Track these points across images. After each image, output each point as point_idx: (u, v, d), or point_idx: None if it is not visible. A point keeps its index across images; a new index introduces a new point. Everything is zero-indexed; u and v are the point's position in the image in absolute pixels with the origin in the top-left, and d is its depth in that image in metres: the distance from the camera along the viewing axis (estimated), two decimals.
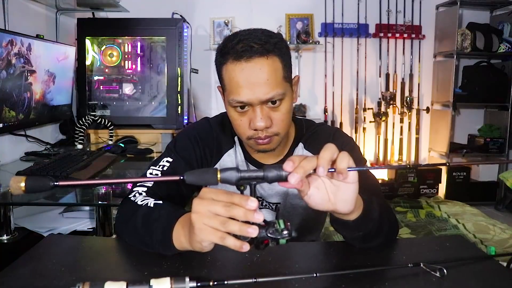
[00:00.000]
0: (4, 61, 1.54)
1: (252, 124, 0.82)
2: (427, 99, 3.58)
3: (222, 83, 0.87)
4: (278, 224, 0.57)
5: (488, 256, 0.71)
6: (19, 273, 0.66)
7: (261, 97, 0.79)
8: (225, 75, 0.84)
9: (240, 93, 0.80)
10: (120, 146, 1.98)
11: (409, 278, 0.65)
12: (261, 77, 0.79)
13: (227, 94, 0.84)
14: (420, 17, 3.40)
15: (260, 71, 0.79)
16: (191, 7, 3.15)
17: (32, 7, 2.05)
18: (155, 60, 2.38)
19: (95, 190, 1.23)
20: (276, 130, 0.84)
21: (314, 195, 0.62)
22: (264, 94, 0.79)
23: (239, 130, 0.87)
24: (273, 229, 0.56)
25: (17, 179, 0.51)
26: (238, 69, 0.80)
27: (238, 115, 0.84)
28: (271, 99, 0.80)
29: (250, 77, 0.79)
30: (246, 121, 0.84)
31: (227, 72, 0.82)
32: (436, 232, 2.59)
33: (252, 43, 0.79)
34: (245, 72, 0.79)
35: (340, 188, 0.62)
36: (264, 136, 0.83)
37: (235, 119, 0.85)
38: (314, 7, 3.31)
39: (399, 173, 3.38)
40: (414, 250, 0.79)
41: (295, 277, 0.63)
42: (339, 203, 0.63)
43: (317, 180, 0.62)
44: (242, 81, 0.80)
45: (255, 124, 0.81)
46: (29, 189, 0.52)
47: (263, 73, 0.79)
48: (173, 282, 0.56)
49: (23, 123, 1.74)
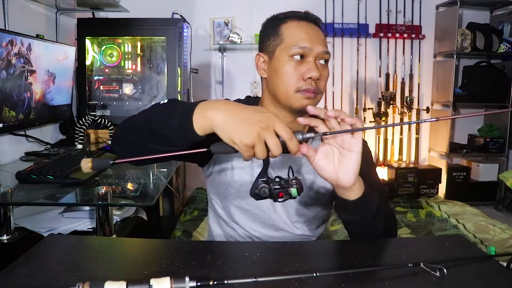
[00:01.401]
0: (4, 61, 1.54)
1: (308, 73, 0.89)
2: (427, 99, 3.58)
3: (278, 38, 0.93)
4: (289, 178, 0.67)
5: (488, 256, 0.71)
6: (19, 273, 0.66)
7: (320, 49, 0.90)
8: (285, 30, 0.94)
9: (304, 40, 0.90)
10: None
11: (409, 277, 0.65)
12: (320, 36, 0.93)
13: (285, 45, 0.92)
14: (420, 17, 3.41)
15: (319, 32, 0.94)
16: (191, 7, 3.15)
17: (32, 7, 2.05)
18: (155, 60, 2.38)
19: (95, 190, 1.23)
20: (321, 87, 0.92)
21: (320, 159, 0.72)
22: (322, 48, 0.91)
23: (291, 80, 0.91)
24: (284, 181, 0.66)
25: (85, 160, 0.62)
26: (302, 24, 0.93)
27: (293, 65, 0.91)
28: (325, 54, 0.92)
29: (313, 32, 0.92)
30: (300, 72, 0.90)
31: (289, 28, 0.94)
32: (436, 232, 2.59)
33: (312, 15, 0.96)
34: (308, 28, 0.93)
35: (344, 156, 0.72)
36: (314, 87, 0.89)
37: (288, 69, 0.91)
38: (314, 7, 3.28)
39: (399, 173, 3.38)
40: (414, 250, 0.78)
41: (295, 276, 0.62)
42: (342, 172, 0.72)
43: (324, 146, 0.73)
44: (306, 33, 0.91)
45: (311, 73, 0.89)
46: (95, 167, 0.62)
47: (321, 34, 0.94)
48: (173, 281, 0.56)
49: (23, 123, 1.74)
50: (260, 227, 0.98)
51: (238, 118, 0.61)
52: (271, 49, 0.94)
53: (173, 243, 0.95)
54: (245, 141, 0.59)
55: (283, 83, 0.91)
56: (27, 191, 1.34)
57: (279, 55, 0.92)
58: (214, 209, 1.03)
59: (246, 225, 0.98)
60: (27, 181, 1.38)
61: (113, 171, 1.66)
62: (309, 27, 0.93)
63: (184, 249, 0.78)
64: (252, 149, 0.60)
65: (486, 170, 3.43)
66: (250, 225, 0.98)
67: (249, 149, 0.60)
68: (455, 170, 3.43)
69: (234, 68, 3.33)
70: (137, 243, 0.87)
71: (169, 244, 0.89)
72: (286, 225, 0.98)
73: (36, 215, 1.51)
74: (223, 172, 0.97)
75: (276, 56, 0.93)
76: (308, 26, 0.93)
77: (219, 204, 1.01)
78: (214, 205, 1.03)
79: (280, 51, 0.92)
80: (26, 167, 1.46)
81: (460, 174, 3.43)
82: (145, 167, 1.87)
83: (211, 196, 1.03)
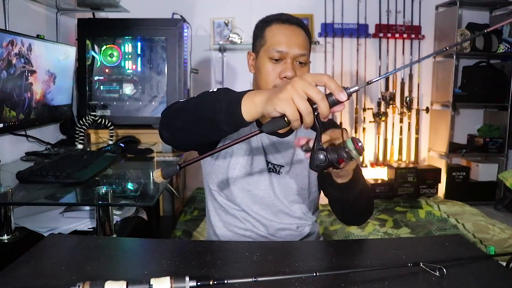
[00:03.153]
0: (5, 61, 1.54)
1: (283, 72, 0.99)
2: (426, 99, 3.59)
3: (262, 40, 1.04)
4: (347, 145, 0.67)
5: (487, 256, 0.72)
6: (19, 272, 0.66)
7: (296, 51, 0.99)
8: (268, 33, 1.03)
9: (281, 44, 1.00)
10: (120, 146, 1.98)
11: (408, 277, 0.65)
12: (299, 39, 1.01)
13: (267, 47, 1.02)
14: (419, 17, 3.41)
15: (298, 35, 1.02)
16: (191, 8, 3.16)
17: (33, 7, 2.06)
18: (155, 60, 2.38)
19: (95, 190, 1.23)
20: None
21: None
22: (299, 50, 1.00)
23: (269, 79, 1.01)
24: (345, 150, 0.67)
25: (156, 172, 0.66)
26: (282, 28, 1.02)
27: (272, 65, 1.01)
28: (301, 56, 1.00)
29: (291, 35, 1.01)
30: (277, 71, 1.01)
31: (271, 30, 1.03)
32: (435, 231, 2.59)
33: (294, 18, 1.05)
34: (288, 31, 1.02)
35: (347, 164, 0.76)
36: None
37: (267, 68, 1.02)
38: (314, 8, 3.32)
39: (398, 173, 3.39)
40: (414, 250, 0.79)
41: (295, 276, 0.63)
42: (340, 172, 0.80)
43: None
44: (285, 37, 1.01)
45: (286, 73, 0.98)
46: (166, 175, 0.65)
47: (300, 36, 1.02)
48: (173, 281, 0.56)
49: (23, 123, 1.75)
50: (261, 209, 1.06)
51: (277, 92, 0.64)
52: (257, 49, 1.06)
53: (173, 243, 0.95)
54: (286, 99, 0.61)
55: (263, 80, 1.02)
56: (27, 191, 1.34)
57: (261, 55, 1.04)
58: (214, 199, 1.10)
59: (248, 207, 1.06)
60: (27, 181, 1.39)
61: (113, 171, 1.67)
62: (290, 29, 1.02)
63: (184, 249, 0.79)
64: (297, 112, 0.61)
65: (486, 170, 3.44)
66: (251, 208, 1.06)
67: (295, 111, 0.61)
68: (454, 170, 3.43)
69: (234, 68, 3.34)
70: (138, 243, 0.88)
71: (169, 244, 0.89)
72: (284, 205, 1.07)
73: (36, 215, 1.51)
74: (225, 158, 1.06)
75: (260, 56, 1.04)
76: (289, 29, 1.02)
77: (220, 192, 1.08)
78: (214, 195, 1.09)
79: (263, 52, 1.03)
80: (26, 167, 1.46)
81: (459, 174, 3.43)
82: (145, 167, 1.88)
83: (211, 188, 1.10)
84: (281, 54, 1.00)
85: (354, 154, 0.66)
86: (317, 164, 0.66)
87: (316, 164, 0.66)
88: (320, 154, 0.65)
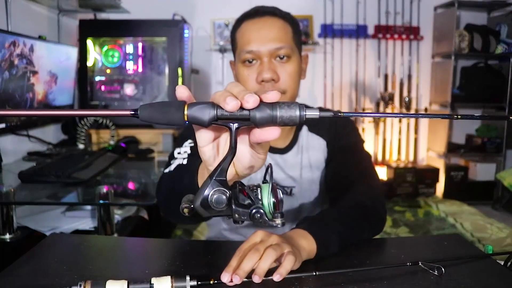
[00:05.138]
0: (7, 62, 1.55)
1: (259, 75, 0.84)
2: (425, 100, 3.60)
3: (235, 45, 0.90)
4: (265, 205, 0.43)
5: (486, 255, 0.71)
6: (21, 271, 0.66)
7: (270, 46, 0.83)
8: (238, 35, 0.89)
9: (250, 43, 0.84)
10: (121, 146, 2.00)
11: (407, 276, 0.65)
12: (272, 31, 0.85)
13: (239, 51, 0.87)
14: (418, 18, 3.42)
15: (272, 26, 0.86)
16: (191, 8, 3.17)
17: (34, 8, 2.07)
18: (156, 61, 2.40)
19: (96, 189, 1.24)
20: (283, 87, 0.86)
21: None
22: (274, 44, 0.83)
23: (248, 86, 0.84)
24: (257, 212, 0.42)
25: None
26: (251, 23, 0.86)
27: (246, 69, 0.86)
28: (278, 50, 0.84)
29: (262, 29, 0.85)
30: (253, 75, 0.85)
31: (241, 32, 0.88)
32: (434, 231, 2.61)
33: (266, 8, 0.88)
34: (257, 26, 0.86)
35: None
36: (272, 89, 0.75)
37: (243, 75, 0.87)
38: (313, 9, 3.33)
39: (397, 172, 3.40)
40: (413, 249, 0.79)
41: (295, 275, 0.62)
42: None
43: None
44: (254, 34, 0.85)
45: (262, 75, 0.83)
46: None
47: (274, 28, 0.85)
48: (174, 280, 0.56)
49: (25, 123, 1.76)
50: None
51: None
52: (234, 56, 0.93)
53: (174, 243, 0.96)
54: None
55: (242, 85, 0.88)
56: (29, 191, 1.35)
57: (236, 61, 0.91)
58: None
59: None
60: (29, 181, 1.39)
61: (114, 171, 1.68)
62: (260, 23, 0.86)
63: (185, 249, 0.79)
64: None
65: (484, 170, 3.45)
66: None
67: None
68: (453, 170, 3.45)
69: None
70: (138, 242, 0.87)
71: (170, 243, 0.88)
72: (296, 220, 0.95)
73: (38, 214, 1.52)
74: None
75: (236, 63, 0.91)
76: (259, 22, 0.86)
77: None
78: None
79: (236, 57, 0.90)
80: (28, 167, 1.47)
81: (458, 174, 3.45)
82: (146, 166, 1.89)
83: None
84: (254, 54, 0.84)
85: (265, 211, 0.43)
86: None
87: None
88: (215, 194, 0.42)
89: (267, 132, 0.42)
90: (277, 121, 0.41)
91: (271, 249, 0.61)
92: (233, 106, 0.40)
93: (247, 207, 0.43)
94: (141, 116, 0.43)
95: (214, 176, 0.43)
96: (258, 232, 0.67)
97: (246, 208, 0.42)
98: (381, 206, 0.86)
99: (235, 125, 0.42)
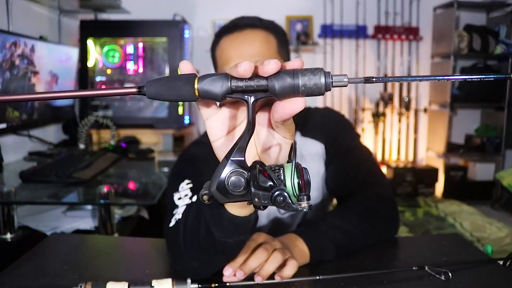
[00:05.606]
0: (8, 62, 1.56)
1: None
2: (424, 100, 3.61)
3: (215, 63, 0.82)
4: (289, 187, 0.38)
5: (492, 260, 0.71)
6: (22, 271, 0.67)
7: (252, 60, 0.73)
8: (217, 53, 0.80)
9: (230, 61, 0.75)
10: (121, 146, 2.01)
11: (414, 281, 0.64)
12: (253, 46, 0.77)
13: (219, 70, 0.79)
14: (417, 19, 3.43)
15: (252, 40, 0.78)
16: (192, 9, 3.18)
17: (35, 9, 2.07)
18: (156, 61, 2.40)
19: (97, 189, 1.25)
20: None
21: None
22: (259, 55, 0.75)
23: None
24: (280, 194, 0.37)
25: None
26: (230, 39, 0.78)
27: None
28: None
29: (241, 45, 0.77)
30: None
31: (220, 49, 0.80)
32: (433, 230, 2.62)
33: (245, 20, 0.80)
34: (236, 41, 0.77)
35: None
36: None
37: None
38: (313, 9, 3.34)
39: (397, 172, 3.41)
40: (413, 250, 0.79)
41: (298, 279, 0.62)
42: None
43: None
44: (233, 50, 0.77)
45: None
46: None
47: (255, 42, 0.77)
48: (175, 283, 0.56)
49: (26, 123, 1.76)
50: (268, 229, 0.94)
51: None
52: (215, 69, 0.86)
53: None
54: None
55: None
56: (30, 191, 1.36)
57: None
58: None
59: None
60: (30, 181, 1.40)
61: (115, 171, 1.69)
62: (240, 37, 0.79)
63: None
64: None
65: (483, 170, 3.46)
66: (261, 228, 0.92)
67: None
68: (452, 170, 3.46)
69: None
70: (139, 242, 0.88)
71: None
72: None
73: (39, 214, 1.53)
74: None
75: None
76: (239, 37, 0.79)
77: None
78: None
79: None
80: (29, 167, 1.48)
81: (457, 174, 3.45)
82: (146, 166, 1.90)
83: None
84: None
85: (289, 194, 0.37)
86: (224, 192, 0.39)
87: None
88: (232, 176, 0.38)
89: (290, 104, 0.36)
90: (300, 90, 0.36)
91: (278, 253, 0.61)
92: (245, 69, 0.35)
93: (268, 190, 0.38)
94: (147, 92, 0.38)
95: (231, 156, 0.38)
96: (261, 233, 0.66)
97: (267, 191, 0.37)
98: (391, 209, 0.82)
99: (252, 98, 0.37)
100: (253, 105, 0.37)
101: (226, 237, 0.54)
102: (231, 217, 0.50)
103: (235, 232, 0.53)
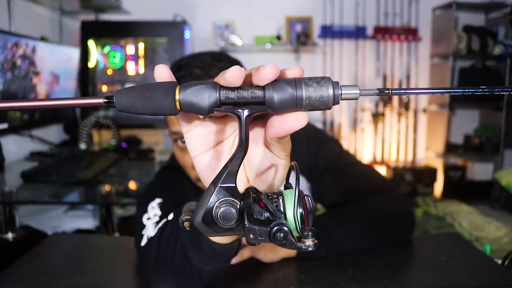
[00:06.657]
0: (9, 62, 1.57)
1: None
2: (424, 100, 3.62)
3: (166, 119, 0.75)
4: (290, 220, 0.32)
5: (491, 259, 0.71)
6: (23, 270, 0.67)
7: None
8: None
9: (175, 122, 0.67)
10: (122, 146, 2.02)
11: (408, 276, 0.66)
12: None
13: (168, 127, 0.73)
14: (416, 19, 3.44)
15: None
16: (192, 10, 3.19)
17: (37, 9, 2.09)
18: (157, 62, 2.42)
19: (98, 189, 1.26)
20: None
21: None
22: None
23: (185, 168, 0.73)
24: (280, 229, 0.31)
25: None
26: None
27: (180, 151, 0.71)
28: None
29: None
30: (187, 160, 0.71)
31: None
32: (432, 230, 2.63)
33: (193, 68, 0.70)
34: None
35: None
36: None
37: (179, 157, 0.73)
38: (313, 10, 3.35)
39: (396, 172, 3.42)
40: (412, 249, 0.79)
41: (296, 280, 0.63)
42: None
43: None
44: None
45: None
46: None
47: None
48: None
49: (28, 123, 1.78)
50: None
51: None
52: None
53: None
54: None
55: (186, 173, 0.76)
56: (32, 190, 1.37)
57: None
58: None
59: None
60: (32, 180, 1.41)
61: (116, 171, 1.70)
62: None
63: None
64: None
65: (482, 170, 3.47)
66: None
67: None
68: (451, 170, 3.47)
69: None
70: None
71: None
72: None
73: (40, 214, 1.54)
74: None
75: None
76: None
77: None
78: None
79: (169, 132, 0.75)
80: (31, 167, 1.49)
81: (456, 173, 3.47)
82: (146, 166, 1.91)
83: None
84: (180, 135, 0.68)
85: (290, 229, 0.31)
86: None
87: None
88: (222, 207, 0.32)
89: (290, 119, 0.30)
90: (303, 104, 0.30)
91: None
92: (234, 75, 0.29)
93: (266, 224, 0.31)
94: (117, 104, 0.31)
95: (220, 182, 0.32)
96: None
97: (264, 226, 0.31)
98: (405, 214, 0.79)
99: (246, 112, 0.31)
100: (246, 121, 0.31)
101: (204, 265, 0.50)
102: (211, 244, 0.45)
103: (214, 259, 0.49)
